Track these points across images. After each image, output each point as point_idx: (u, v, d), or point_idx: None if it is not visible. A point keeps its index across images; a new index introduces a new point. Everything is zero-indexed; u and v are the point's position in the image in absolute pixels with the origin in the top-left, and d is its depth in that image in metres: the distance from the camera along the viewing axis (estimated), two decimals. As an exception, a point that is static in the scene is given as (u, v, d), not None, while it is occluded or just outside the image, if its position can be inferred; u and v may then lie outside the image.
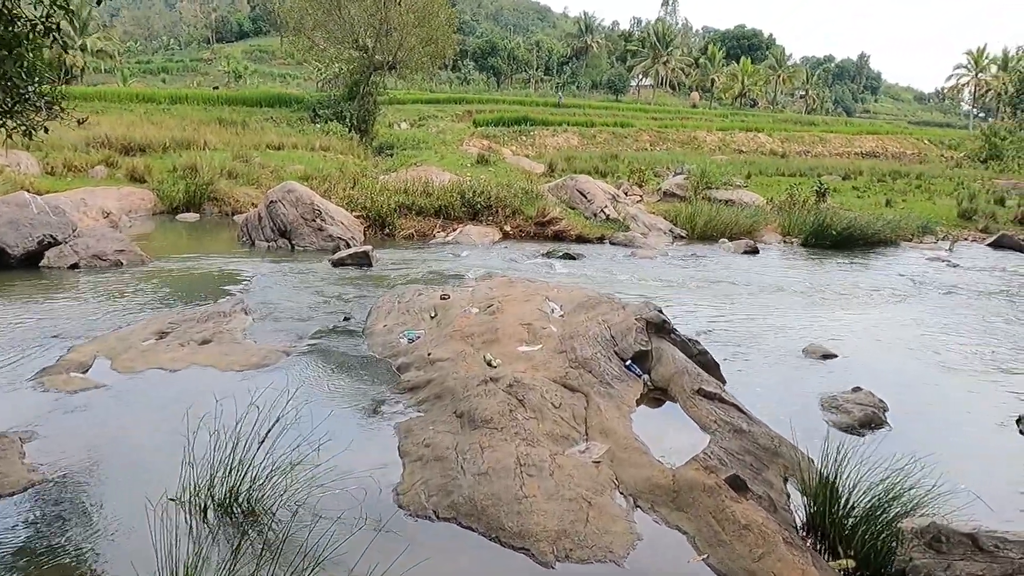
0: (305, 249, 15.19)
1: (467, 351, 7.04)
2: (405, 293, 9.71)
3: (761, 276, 13.87)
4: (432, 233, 17.75)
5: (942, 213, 23.81)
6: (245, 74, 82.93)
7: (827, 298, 12.01)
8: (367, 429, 5.88)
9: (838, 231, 17.68)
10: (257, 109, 38.20)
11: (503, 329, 7.41)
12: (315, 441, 4.73)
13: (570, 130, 43.96)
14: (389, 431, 5.71)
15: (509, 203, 18.70)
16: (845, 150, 48.20)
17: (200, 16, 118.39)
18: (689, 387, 6.19)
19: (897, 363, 8.50)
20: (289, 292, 10.92)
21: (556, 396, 5.85)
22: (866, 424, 6.36)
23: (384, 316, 8.91)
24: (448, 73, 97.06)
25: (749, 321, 10.19)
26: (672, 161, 32.44)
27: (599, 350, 6.72)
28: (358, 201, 18.21)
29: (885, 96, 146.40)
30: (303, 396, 6.20)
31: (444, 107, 54.81)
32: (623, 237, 17.62)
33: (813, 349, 8.58)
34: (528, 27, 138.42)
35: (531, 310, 7.97)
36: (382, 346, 7.91)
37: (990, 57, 77.30)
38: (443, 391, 6.18)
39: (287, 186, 16.27)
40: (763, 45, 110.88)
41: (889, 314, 10.99)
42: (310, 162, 26.37)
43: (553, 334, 7.25)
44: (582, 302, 8.10)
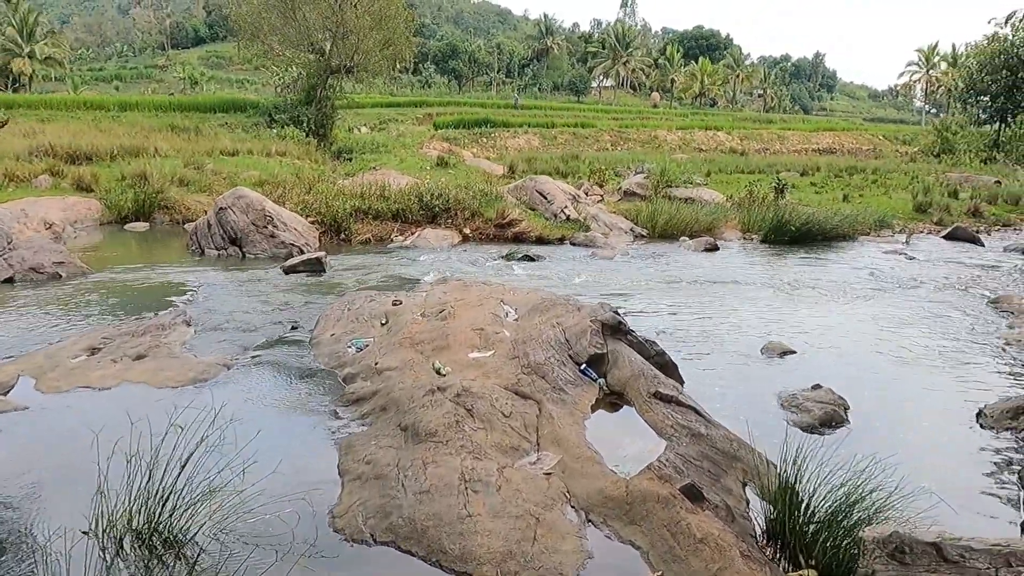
0: (256, 257, 14.73)
1: (416, 359, 6.74)
2: (355, 300, 9.37)
3: (721, 273, 13.77)
4: (389, 237, 17.38)
5: (898, 207, 24.09)
6: (201, 80, 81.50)
7: (786, 294, 11.94)
8: (307, 446, 5.55)
9: (797, 227, 17.70)
10: (211, 115, 37.30)
11: (454, 335, 7.12)
12: (249, 462, 4.40)
13: (531, 131, 43.79)
14: (330, 448, 5.38)
15: (468, 205, 18.42)
16: (803, 147, 48.78)
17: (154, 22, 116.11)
18: (645, 390, 5.97)
19: (857, 359, 8.40)
20: (236, 301, 10.50)
21: (507, 404, 5.58)
22: (827, 423, 6.20)
23: (332, 324, 8.57)
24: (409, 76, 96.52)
25: (709, 319, 10.04)
26: (633, 161, 32.42)
27: (553, 354, 6.47)
28: (313, 206, 17.76)
29: (840, 94, 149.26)
30: (240, 413, 5.85)
31: (405, 110, 54.31)
32: (583, 237, 17.43)
33: (772, 346, 8.44)
34: (489, 30, 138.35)
35: (484, 314, 7.70)
36: (328, 356, 7.57)
37: (940, 54, 79.02)
38: (388, 403, 5.88)
39: (237, 192, 15.78)
40: (721, 45, 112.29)
41: (848, 309, 10.93)
42: (265, 168, 25.78)
43: (506, 339, 6.98)
44: (537, 305, 7.85)
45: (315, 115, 35.85)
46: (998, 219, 24.19)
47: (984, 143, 47.92)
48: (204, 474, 4.21)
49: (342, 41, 36.02)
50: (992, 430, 6.16)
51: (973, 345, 8.92)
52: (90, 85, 76.63)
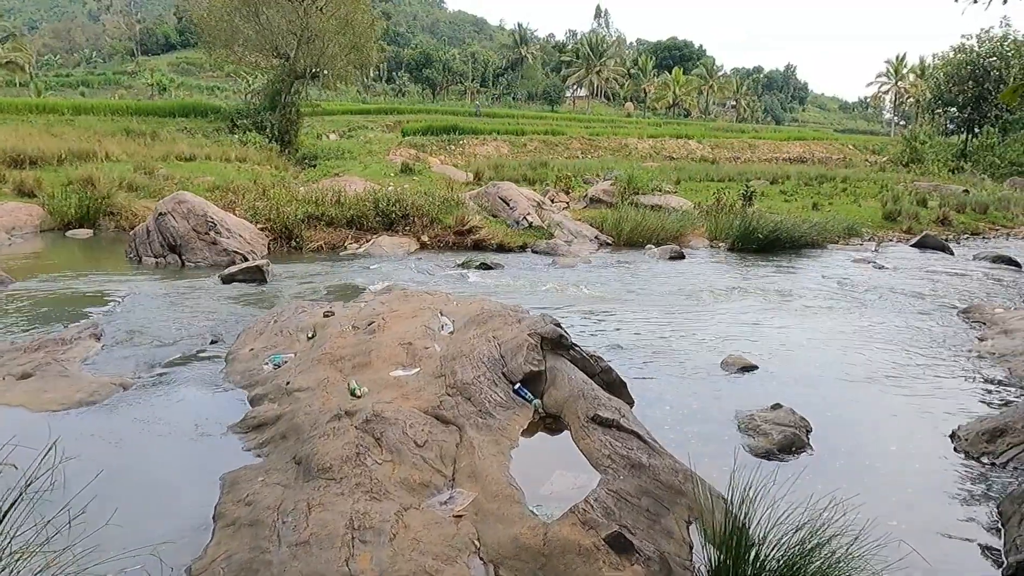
0: (197, 265, 13.89)
1: (333, 378, 6.02)
2: (284, 311, 8.62)
3: (685, 283, 13.19)
4: (343, 245, 16.61)
5: (867, 215, 23.80)
6: (171, 87, 79.96)
7: (751, 304, 11.36)
8: (186, 483, 4.79)
9: (764, 234, 17.22)
10: (170, 119, 36.21)
11: (379, 350, 6.41)
12: (108, 502, 3.66)
13: (500, 139, 43.11)
14: (213, 484, 4.63)
15: (427, 212, 17.71)
16: (773, 156, 48.63)
17: (124, 28, 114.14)
18: (583, 413, 5.30)
19: (822, 375, 7.80)
20: (161, 313, 9.69)
21: (422, 432, 4.87)
22: (786, 448, 5.57)
23: (254, 338, 7.81)
24: (383, 85, 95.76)
25: (668, 332, 9.43)
26: (602, 168, 31.94)
27: (483, 372, 5.78)
28: (263, 213, 16.94)
29: (812, 105, 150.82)
30: (118, 441, 5.10)
31: (375, 118, 53.53)
32: (545, 245, 16.80)
33: (732, 360, 7.83)
34: (464, 39, 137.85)
35: (417, 327, 6.99)
36: (242, 374, 6.81)
37: (909, 66, 79.90)
38: (290, 430, 5.14)
39: (178, 196, 14.94)
40: (694, 56, 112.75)
41: (814, 321, 10.37)
42: (222, 173, 24.89)
43: (435, 355, 6.28)
44: (475, 316, 7.16)
45: (279, 121, 35.00)
46: (966, 227, 24.01)
47: (951, 153, 48.23)
48: (35, 523, 3.45)
49: (307, 45, 35.20)
50: (967, 455, 5.56)
51: (944, 359, 8.37)
52: (55, 91, 74.71)
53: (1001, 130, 47.94)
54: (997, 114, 48.03)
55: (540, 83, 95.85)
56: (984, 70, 47.13)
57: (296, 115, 36.19)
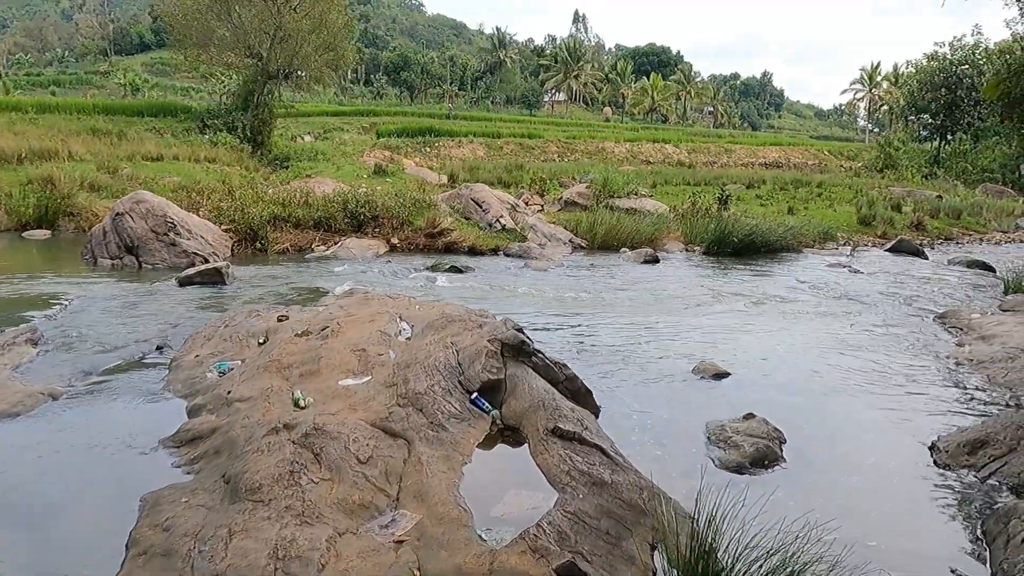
0: (154, 267, 13.37)
1: (278, 387, 5.61)
2: (236, 316, 8.18)
3: (658, 286, 12.91)
4: (310, 247, 16.14)
5: (842, 220, 23.74)
6: (144, 87, 78.63)
7: (725, 309, 11.09)
8: (104, 505, 4.37)
9: (740, 238, 17.01)
10: (139, 119, 35.37)
11: (329, 357, 6.02)
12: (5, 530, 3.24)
13: (476, 141, 42.74)
14: (132, 506, 4.22)
15: (397, 214, 17.29)
16: (750, 160, 48.75)
17: (98, 28, 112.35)
18: (543, 425, 4.95)
19: (797, 382, 7.51)
20: (108, 317, 9.20)
21: (367, 447, 4.49)
22: (759, 462, 5.26)
23: (201, 344, 7.37)
24: (361, 87, 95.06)
25: (640, 337, 9.11)
26: (579, 171, 31.72)
27: (438, 381, 5.41)
28: (227, 213, 16.42)
29: (788, 112, 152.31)
30: (32, 459, 4.66)
31: (351, 119, 52.93)
32: (518, 248, 16.45)
33: (704, 367, 7.52)
34: (444, 43, 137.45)
35: (372, 332, 6.60)
36: (184, 382, 6.38)
37: (883, 74, 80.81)
38: (224, 444, 4.74)
39: (136, 196, 14.40)
40: (672, 62, 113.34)
41: (789, 326, 10.11)
42: (189, 174, 24.31)
43: (389, 362, 5.90)
44: (434, 321, 6.79)
45: (251, 121, 34.35)
46: (940, 232, 24.04)
47: (925, 159, 48.68)
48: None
49: (280, 45, 34.60)
50: (948, 468, 5.28)
51: (922, 366, 8.13)
52: (25, 90, 73.10)
53: (973, 137, 48.50)
54: (969, 121, 48.56)
55: (519, 87, 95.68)
56: (956, 77, 47.62)
57: (269, 116, 35.55)
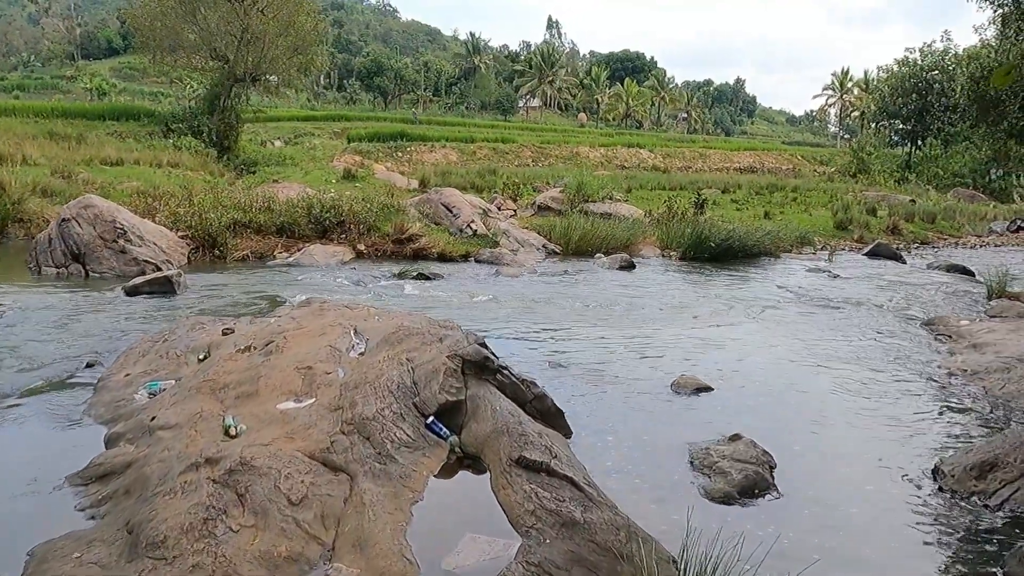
0: (102, 276, 12.59)
1: (209, 411, 4.97)
2: (177, 328, 7.50)
3: (635, 293, 12.40)
4: (272, 254, 15.43)
5: (819, 224, 23.50)
6: (111, 92, 76.99)
7: (705, 317, 10.59)
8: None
9: (717, 243, 16.60)
10: (100, 123, 34.35)
11: (270, 377, 5.39)
12: None
13: (449, 146, 42.12)
14: (22, 560, 3.56)
15: (364, 219, 16.63)
16: (724, 165, 48.69)
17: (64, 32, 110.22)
18: (506, 454, 4.36)
19: (784, 397, 7.00)
20: (41, 330, 8.46)
21: (301, 484, 3.88)
22: (748, 491, 4.71)
23: (134, 361, 6.69)
24: (333, 92, 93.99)
25: (614, 348, 8.56)
26: (553, 176, 31.25)
27: (390, 404, 4.80)
28: (185, 219, 15.64)
29: (760, 118, 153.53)
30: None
31: (322, 124, 52.06)
32: (489, 254, 15.88)
33: (684, 382, 6.98)
34: (418, 48, 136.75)
35: (321, 348, 5.98)
36: (107, 406, 5.71)
37: (854, 80, 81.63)
38: (136, 482, 4.09)
39: (84, 201, 13.60)
40: (646, 67, 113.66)
41: (772, 335, 9.63)
42: (150, 179, 23.44)
43: (336, 381, 5.29)
44: (391, 333, 6.18)
45: (217, 125, 33.50)
46: (916, 236, 23.89)
47: (896, 164, 48.95)
48: None
49: (247, 47, 33.80)
50: (955, 495, 4.78)
51: (914, 377, 7.66)
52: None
53: (943, 142, 48.86)
54: (939, 127, 48.92)
55: (493, 92, 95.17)
56: (927, 83, 47.99)
57: (236, 120, 34.73)
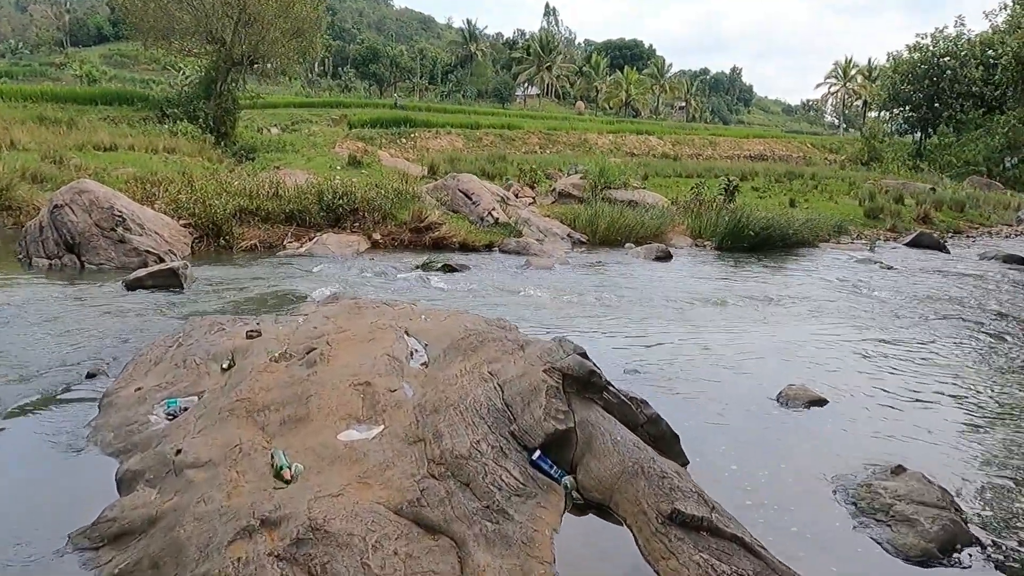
0: (99, 268, 11.48)
1: (250, 442, 3.92)
2: (194, 330, 6.42)
3: (683, 287, 11.37)
4: (281, 244, 14.33)
5: (847, 212, 22.53)
6: (102, 79, 75.38)
7: (774, 313, 9.57)
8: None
9: (756, 232, 15.59)
10: (92, 108, 33.09)
11: (321, 395, 4.33)
12: None
13: (454, 132, 40.88)
14: None
15: (379, 206, 15.52)
16: (735, 153, 47.66)
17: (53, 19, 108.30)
18: (652, 506, 3.33)
19: (913, 414, 5.90)
20: (31, 332, 7.37)
21: (396, 559, 2.83)
22: (949, 547, 3.67)
23: (145, 371, 5.61)
24: (328, 80, 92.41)
25: (688, 351, 7.52)
26: (564, 163, 30.14)
27: (485, 434, 3.76)
28: (187, 206, 14.49)
29: (756, 108, 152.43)
30: None
31: (319, 111, 50.72)
32: (515, 244, 14.83)
33: (793, 393, 5.95)
34: (411, 37, 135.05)
35: (376, 356, 4.92)
36: (116, 430, 4.64)
37: (857, 67, 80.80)
38: (166, 552, 3.04)
39: (78, 185, 12.45)
40: (644, 55, 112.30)
41: (859, 335, 8.57)
42: (146, 165, 22.25)
43: (405, 402, 4.23)
44: (460, 339, 5.12)
45: (214, 110, 32.20)
46: (949, 226, 22.93)
47: (907, 152, 47.99)
48: None
49: (244, 29, 32.52)
50: None
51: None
52: (-27, 82, 69.44)
53: (954, 130, 47.90)
54: (950, 114, 47.94)
55: (490, 80, 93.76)
56: (939, 69, 46.99)
57: (233, 105, 33.44)
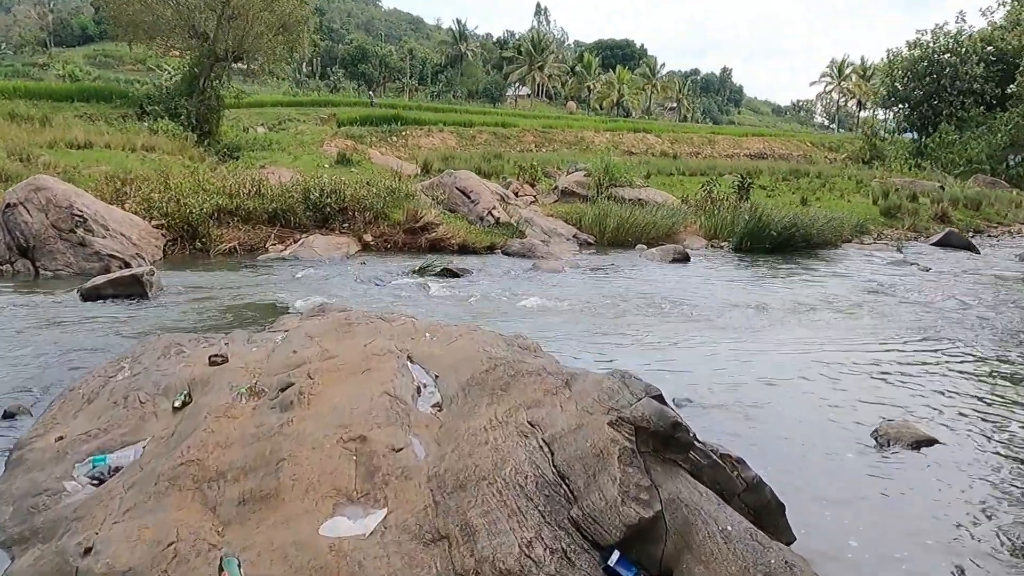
0: (57, 274, 10.22)
1: (192, 536, 2.70)
2: (144, 353, 5.17)
3: (711, 293, 10.20)
4: (263, 246, 13.09)
5: (862, 211, 21.47)
6: (85, 79, 73.73)
7: (826, 324, 8.41)
8: None
9: (778, 232, 14.46)
10: (68, 104, 31.66)
11: (299, 458, 3.11)
12: None
13: (446, 130, 39.52)
14: None
15: (370, 205, 14.31)
16: (734, 151, 46.56)
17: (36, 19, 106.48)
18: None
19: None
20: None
21: None
22: None
23: (74, 412, 4.36)
24: (316, 81, 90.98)
25: (738, 371, 6.34)
26: (562, 161, 28.97)
27: (537, 529, 2.55)
28: (160, 205, 13.19)
29: (746, 108, 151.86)
30: None
31: (307, 110, 49.31)
32: (519, 245, 13.64)
33: (894, 431, 4.77)
34: (400, 37, 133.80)
35: (374, 394, 3.70)
36: (17, 504, 3.39)
37: (852, 66, 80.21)
38: None
39: (35, 182, 11.15)
40: (636, 55, 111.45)
41: (933, 348, 7.40)
42: (122, 163, 20.89)
43: (416, 468, 3.02)
44: (483, 372, 3.90)
45: (197, 108, 30.83)
46: (968, 225, 21.91)
47: (908, 151, 47.08)
48: None
49: (228, 23, 31.22)
50: None
51: None
52: (-48, 83, 67.64)
53: (955, 128, 47.00)
54: (951, 112, 47.04)
55: (481, 80, 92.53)
56: (940, 66, 46.12)
57: (217, 102, 32.08)
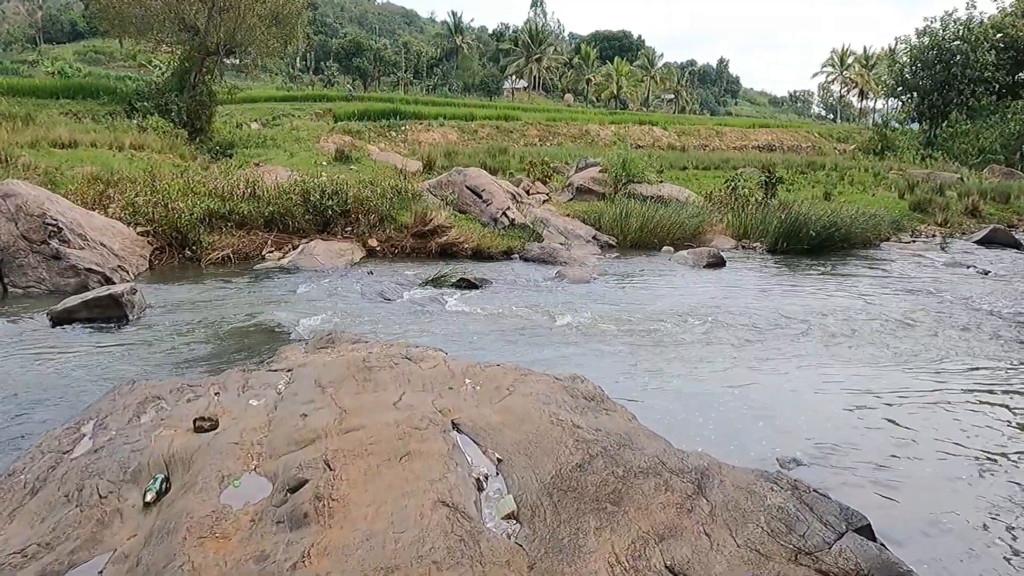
0: (27, 292, 9.06)
1: None
2: (113, 413, 4.04)
3: (769, 306, 9.07)
4: (259, 254, 11.94)
5: (889, 205, 20.38)
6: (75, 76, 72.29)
7: (927, 344, 7.29)
8: None
9: (816, 232, 13.36)
10: (53, 101, 30.44)
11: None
12: None
13: (447, 124, 38.26)
14: None
15: (375, 207, 13.16)
16: (742, 144, 45.41)
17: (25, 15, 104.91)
18: None
19: None
20: None
21: None
22: None
23: (9, 512, 3.21)
24: (310, 76, 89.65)
25: (851, 415, 5.23)
26: (569, 156, 27.83)
27: None
28: (145, 210, 12.02)
29: (742, 100, 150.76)
30: None
31: (302, 105, 48.03)
32: (538, 250, 12.51)
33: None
34: (394, 31, 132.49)
35: (423, 505, 2.59)
36: None
37: (854, 55, 79.21)
38: None
39: (3, 188, 9.93)
40: (634, 47, 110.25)
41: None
42: (108, 163, 19.69)
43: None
44: (574, 469, 2.78)
45: (188, 103, 29.60)
46: (1000, 219, 20.80)
47: (919, 141, 46.02)
48: None
49: (220, 16, 29.99)
50: None
51: None
52: (-60, 81, 66.22)
53: (967, 117, 45.94)
54: (961, 100, 45.96)
55: (477, 74, 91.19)
56: (950, 54, 45.02)
57: (209, 98, 30.83)
